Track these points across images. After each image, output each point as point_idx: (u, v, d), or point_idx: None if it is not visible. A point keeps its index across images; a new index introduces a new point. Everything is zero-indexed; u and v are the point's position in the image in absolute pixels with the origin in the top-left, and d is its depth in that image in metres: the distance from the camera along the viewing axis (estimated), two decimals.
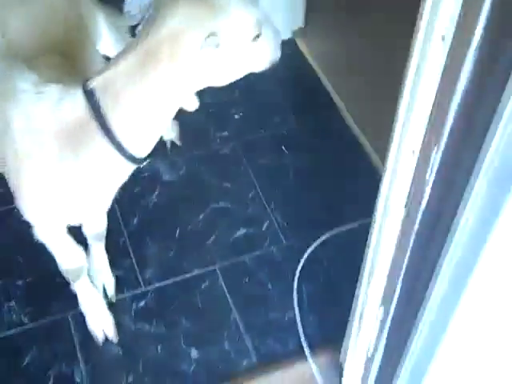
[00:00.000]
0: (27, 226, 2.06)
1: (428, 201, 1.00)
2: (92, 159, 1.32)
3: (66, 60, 1.45)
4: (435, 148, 0.89)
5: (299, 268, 1.94)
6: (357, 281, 1.55)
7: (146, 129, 1.29)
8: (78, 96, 1.26)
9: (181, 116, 1.41)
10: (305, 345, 1.80)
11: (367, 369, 1.57)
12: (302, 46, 2.55)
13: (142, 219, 2.07)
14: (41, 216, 1.51)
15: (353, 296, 1.60)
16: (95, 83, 1.25)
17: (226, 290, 1.93)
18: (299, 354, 1.80)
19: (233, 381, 1.77)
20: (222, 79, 1.28)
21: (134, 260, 2.00)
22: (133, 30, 2.44)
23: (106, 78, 1.24)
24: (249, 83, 1.38)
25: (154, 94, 1.23)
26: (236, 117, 2.33)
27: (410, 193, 1.06)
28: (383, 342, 1.41)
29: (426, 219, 1.05)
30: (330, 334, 1.79)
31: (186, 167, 2.18)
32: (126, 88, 1.23)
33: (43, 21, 1.49)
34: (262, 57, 1.31)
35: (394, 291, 1.26)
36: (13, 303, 1.92)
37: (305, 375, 1.76)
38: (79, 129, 1.28)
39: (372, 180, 2.15)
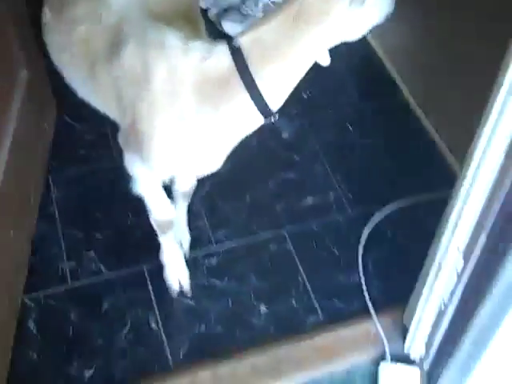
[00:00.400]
0: (106, 185, 2.21)
1: None
2: (230, 113, 1.40)
3: (189, 23, 1.55)
4: None
5: (364, 235, 2.05)
6: (420, 247, 1.66)
7: (285, 83, 1.38)
8: (224, 52, 1.35)
9: None
10: (370, 305, 1.90)
11: (436, 325, 1.66)
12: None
13: (214, 184, 2.18)
14: (161, 168, 1.59)
15: (416, 261, 1.71)
16: (243, 41, 1.34)
17: (293, 253, 2.04)
18: (364, 314, 1.90)
19: (300, 335, 1.88)
20: (358, 34, 1.37)
21: (206, 221, 2.12)
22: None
23: (255, 37, 1.33)
24: (315, 68, 1.48)
25: (300, 51, 1.32)
26: (305, 97, 2.44)
27: None
28: (458, 294, 1.51)
29: None
30: (394, 296, 1.89)
31: (258, 139, 2.29)
32: (274, 46, 1.32)
33: None
34: (385, 9, 1.40)
35: (478, 241, 1.35)
36: (92, 254, 2.04)
37: (370, 333, 1.86)
38: (221, 83, 1.36)
39: (432, 156, 2.28)
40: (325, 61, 1.40)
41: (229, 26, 2.58)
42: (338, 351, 1.86)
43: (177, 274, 1.95)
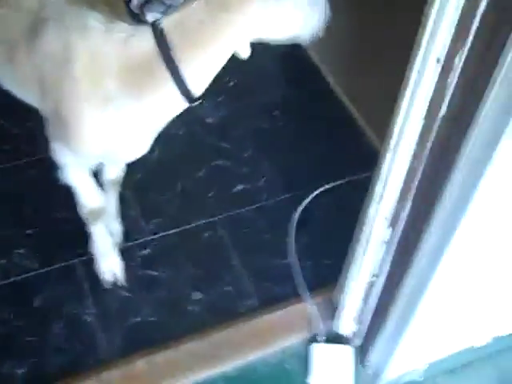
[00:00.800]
0: (33, 180, 2.17)
1: (447, 110, 1.15)
2: (153, 96, 1.39)
3: (109, 7, 1.52)
4: (459, 55, 1.04)
5: (294, 218, 2.09)
6: (350, 226, 1.70)
7: (206, 68, 1.37)
8: (147, 34, 1.34)
9: None
10: (302, 286, 1.93)
11: (365, 300, 1.71)
12: None
13: (144, 174, 2.17)
14: (86, 154, 1.56)
15: (343, 243, 1.75)
16: (166, 23, 1.34)
17: (226, 239, 2.06)
18: (298, 296, 1.93)
19: (235, 320, 1.89)
20: (279, 33, 1.39)
21: (138, 211, 2.11)
22: None
23: (177, 20, 1.34)
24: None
25: (220, 38, 1.33)
26: (230, 84, 2.46)
27: (430, 104, 1.20)
28: (387, 266, 1.55)
29: (442, 133, 1.20)
30: (327, 276, 1.93)
31: (186, 128, 2.30)
32: (195, 30, 1.32)
33: None
34: (313, 21, 1.42)
35: (403, 212, 1.40)
36: (22, 251, 2.00)
37: (303, 314, 1.89)
38: (144, 65, 1.35)
39: (357, 141, 2.34)
40: (244, 53, 1.42)
41: (151, 17, 2.57)
42: (273, 334, 1.89)
43: (109, 265, 1.93)
